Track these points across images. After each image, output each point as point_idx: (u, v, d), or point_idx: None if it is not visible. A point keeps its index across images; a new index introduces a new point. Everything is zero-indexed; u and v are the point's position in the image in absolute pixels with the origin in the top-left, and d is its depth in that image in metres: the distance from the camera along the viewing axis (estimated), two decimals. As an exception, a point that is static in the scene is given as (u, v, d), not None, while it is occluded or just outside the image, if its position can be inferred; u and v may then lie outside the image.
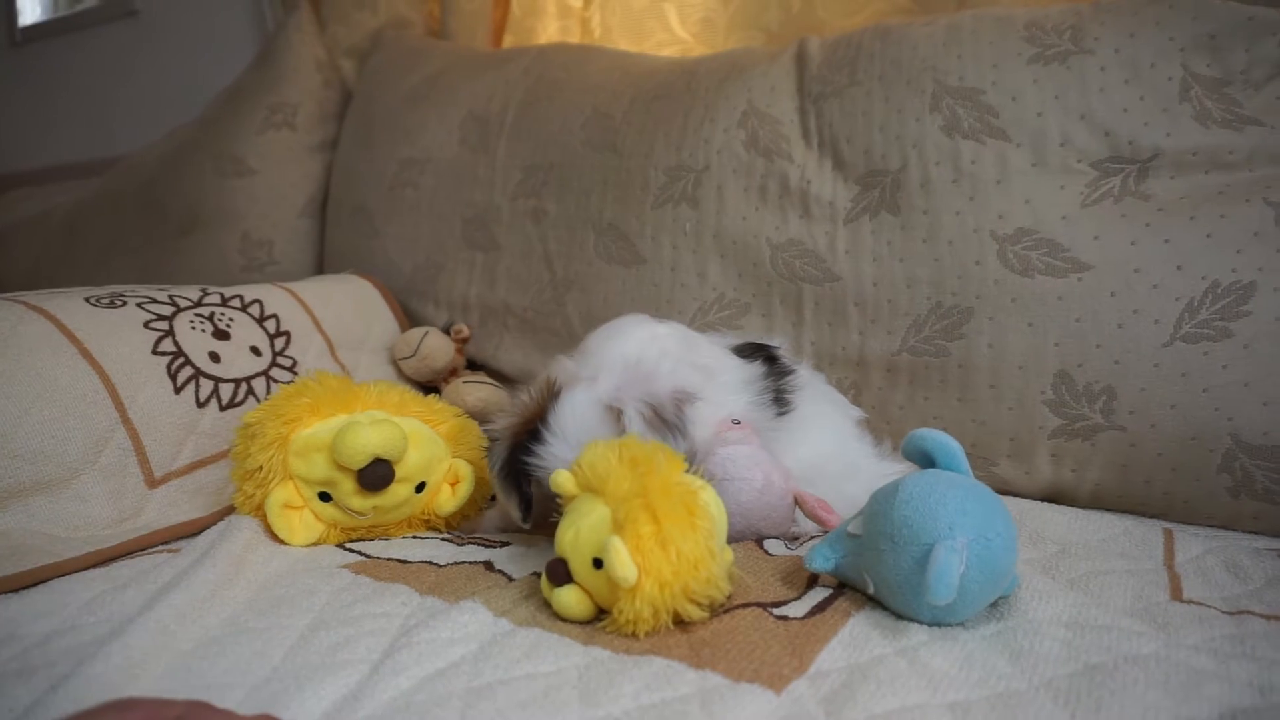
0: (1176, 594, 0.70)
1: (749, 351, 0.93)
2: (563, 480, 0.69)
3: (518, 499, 0.81)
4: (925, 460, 0.69)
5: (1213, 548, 0.80)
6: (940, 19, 1.13)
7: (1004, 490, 0.99)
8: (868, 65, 1.14)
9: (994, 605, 0.65)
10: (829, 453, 0.85)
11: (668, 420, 0.77)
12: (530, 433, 0.79)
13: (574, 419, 0.78)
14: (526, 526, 0.84)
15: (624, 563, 0.60)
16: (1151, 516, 0.94)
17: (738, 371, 0.90)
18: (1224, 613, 0.65)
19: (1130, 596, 0.68)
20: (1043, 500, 0.97)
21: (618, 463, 0.67)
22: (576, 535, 0.66)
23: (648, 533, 0.62)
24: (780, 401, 0.89)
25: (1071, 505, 0.95)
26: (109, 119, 2.60)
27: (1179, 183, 0.96)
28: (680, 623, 0.63)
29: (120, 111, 2.57)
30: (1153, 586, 0.71)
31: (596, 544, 0.63)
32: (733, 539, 0.80)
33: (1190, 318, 0.91)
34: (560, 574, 0.66)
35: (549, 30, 1.78)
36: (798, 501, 0.83)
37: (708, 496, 0.68)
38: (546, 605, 0.68)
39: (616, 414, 0.77)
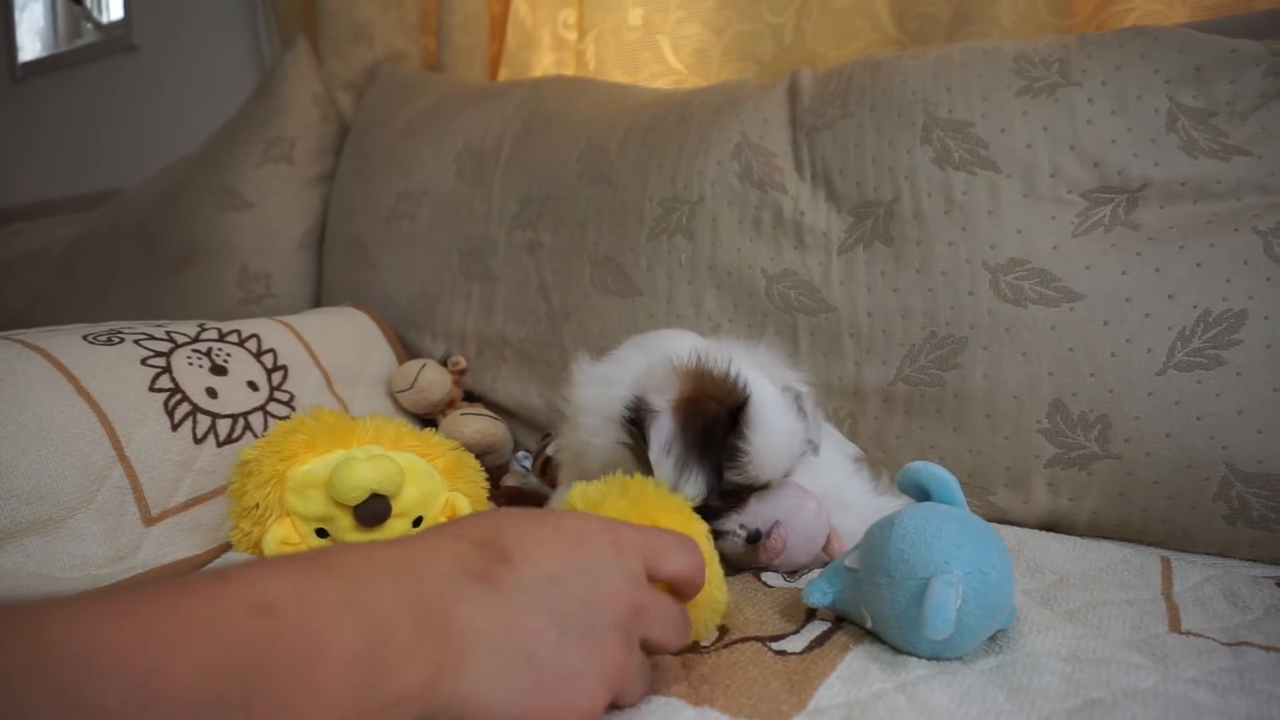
0: (1175, 625, 0.69)
1: None
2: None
3: (709, 473, 0.74)
4: (921, 493, 0.69)
5: (1211, 576, 0.80)
6: (930, 52, 1.15)
7: (1002, 519, 1.00)
8: (859, 98, 1.15)
9: (993, 638, 0.65)
10: (826, 490, 0.85)
11: (808, 411, 0.80)
12: (730, 412, 0.75)
13: (777, 407, 0.77)
14: (711, 502, 0.76)
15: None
16: (1149, 544, 0.94)
17: None
18: (1223, 644, 0.65)
19: (1129, 628, 0.68)
20: (1041, 529, 0.97)
21: (618, 496, 0.68)
22: None
23: None
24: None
25: (1069, 534, 0.95)
26: (107, 153, 2.63)
27: (1168, 212, 0.97)
28: (679, 656, 0.63)
29: (118, 146, 2.59)
30: (1151, 617, 0.70)
31: None
32: (792, 564, 0.82)
33: (1182, 346, 0.91)
34: None
35: (544, 62, 1.81)
36: (830, 535, 0.84)
37: (700, 528, 0.68)
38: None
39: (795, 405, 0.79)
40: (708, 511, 0.77)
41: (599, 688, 0.46)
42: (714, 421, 0.75)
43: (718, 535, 0.77)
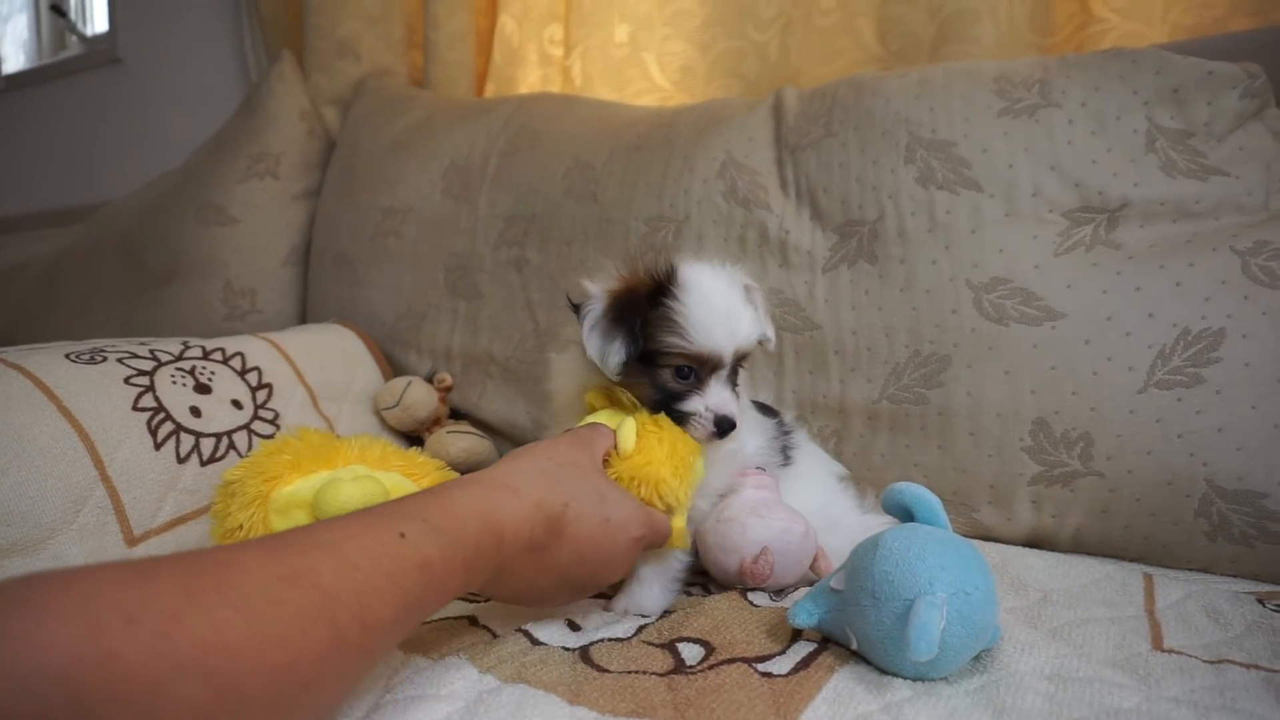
0: (1157, 643, 0.70)
1: (759, 409, 0.97)
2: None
3: (626, 338, 0.78)
4: (904, 514, 0.69)
5: (1193, 592, 0.81)
6: (912, 72, 1.16)
7: (986, 537, 1.00)
8: (843, 117, 1.16)
9: (977, 658, 0.65)
10: (813, 508, 0.85)
11: (757, 304, 0.85)
12: (657, 283, 0.80)
13: (713, 278, 0.81)
14: (617, 375, 0.80)
15: (629, 436, 0.77)
16: (1132, 560, 0.95)
17: (758, 419, 0.93)
18: (1204, 662, 0.66)
19: (1112, 647, 0.69)
20: (1025, 546, 0.98)
21: (655, 446, 0.78)
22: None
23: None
24: (785, 455, 0.92)
25: (1053, 550, 0.96)
26: (91, 166, 2.61)
27: (1148, 232, 0.98)
28: (666, 678, 0.63)
29: (102, 159, 2.58)
30: (1134, 635, 0.71)
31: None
32: (780, 584, 0.84)
33: (1163, 364, 0.92)
34: None
35: (530, 79, 1.81)
36: (818, 555, 0.84)
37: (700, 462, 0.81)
38: (530, 661, 0.67)
39: (744, 292, 0.83)
40: (673, 395, 0.80)
41: (562, 606, 0.78)
42: (635, 293, 0.80)
43: (685, 418, 0.79)
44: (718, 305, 0.79)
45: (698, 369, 0.80)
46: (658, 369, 0.79)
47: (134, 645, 0.38)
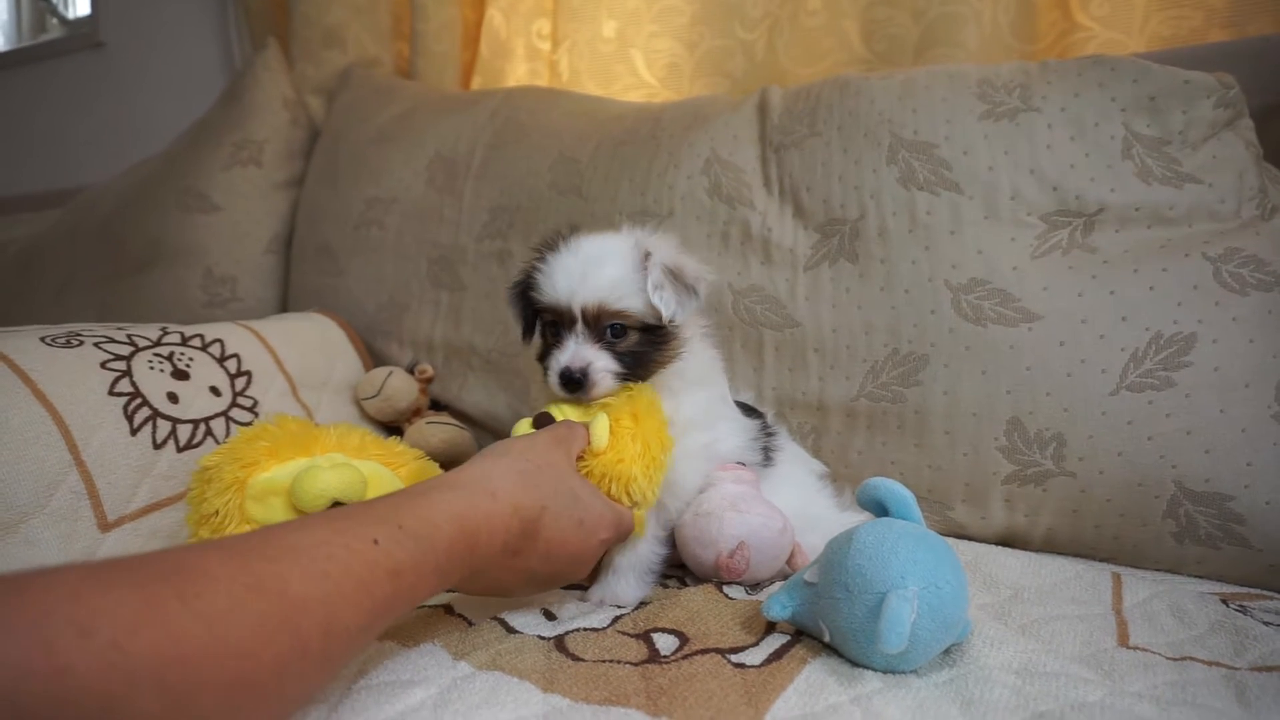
0: (1124, 640, 0.71)
1: (743, 409, 0.98)
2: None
3: (521, 308, 0.88)
4: (879, 509, 0.70)
5: (1159, 592, 0.82)
6: (896, 74, 1.17)
7: (959, 535, 1.01)
8: (827, 117, 1.17)
9: (947, 652, 0.66)
10: (793, 507, 0.86)
11: (686, 282, 0.83)
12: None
13: (594, 241, 0.84)
14: (526, 342, 0.90)
15: (601, 432, 0.78)
16: (1101, 560, 0.96)
17: (739, 419, 0.94)
18: (1168, 659, 0.67)
19: (1079, 643, 0.70)
20: (997, 544, 0.99)
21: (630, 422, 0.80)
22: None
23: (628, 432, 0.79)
24: (767, 455, 0.93)
25: (1025, 549, 0.97)
26: (71, 151, 2.58)
27: (1123, 236, 0.99)
28: (640, 668, 0.63)
29: (82, 144, 2.55)
30: (1101, 632, 0.72)
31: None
32: (756, 579, 0.84)
33: (1135, 367, 0.94)
34: (544, 422, 0.81)
35: (517, 72, 1.81)
36: (794, 550, 0.85)
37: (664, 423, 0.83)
38: (505, 649, 0.68)
39: (640, 257, 0.83)
40: (547, 353, 0.85)
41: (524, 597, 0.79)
42: (530, 265, 0.86)
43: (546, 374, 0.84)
44: (570, 262, 0.82)
45: (561, 325, 0.83)
46: (543, 329, 0.86)
47: (86, 659, 0.38)
